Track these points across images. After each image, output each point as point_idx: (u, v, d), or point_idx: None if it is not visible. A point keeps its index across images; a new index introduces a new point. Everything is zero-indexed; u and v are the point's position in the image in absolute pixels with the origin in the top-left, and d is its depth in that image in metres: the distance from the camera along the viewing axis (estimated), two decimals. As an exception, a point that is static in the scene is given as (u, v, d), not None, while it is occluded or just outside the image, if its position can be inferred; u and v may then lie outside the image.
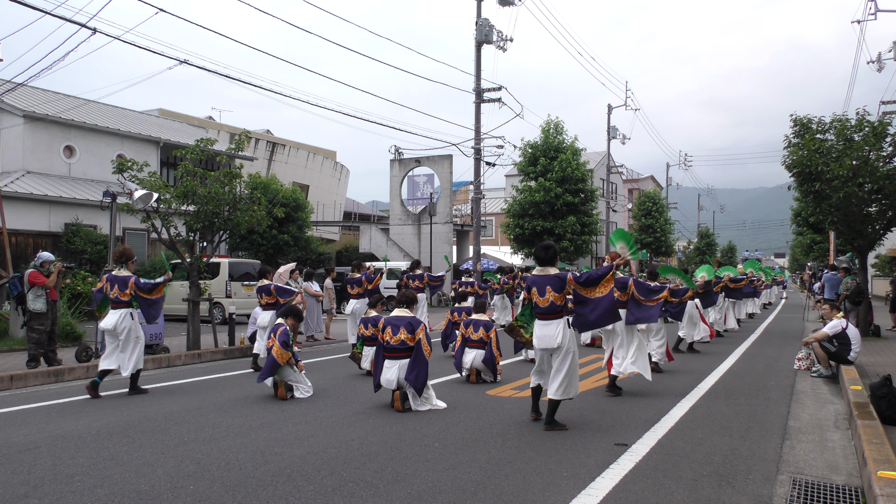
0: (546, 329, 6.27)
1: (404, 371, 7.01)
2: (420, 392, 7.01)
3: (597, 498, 4.35)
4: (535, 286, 6.36)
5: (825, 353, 9.58)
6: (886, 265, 32.80)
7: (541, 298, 6.28)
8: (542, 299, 6.27)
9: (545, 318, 6.31)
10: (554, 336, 6.20)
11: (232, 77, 15.76)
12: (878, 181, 13.24)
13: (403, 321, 7.19)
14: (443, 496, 4.35)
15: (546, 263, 6.41)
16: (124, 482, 4.60)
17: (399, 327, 7.13)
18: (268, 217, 12.79)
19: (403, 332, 7.09)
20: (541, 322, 6.34)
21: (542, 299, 6.27)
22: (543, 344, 6.28)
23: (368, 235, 34.36)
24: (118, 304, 8.09)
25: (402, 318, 7.23)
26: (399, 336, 7.08)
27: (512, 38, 24.67)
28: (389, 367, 7.10)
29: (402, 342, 7.08)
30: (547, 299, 6.25)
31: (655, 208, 46.79)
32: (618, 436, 6.02)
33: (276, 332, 7.86)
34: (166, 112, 35.80)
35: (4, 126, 21.52)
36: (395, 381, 7.04)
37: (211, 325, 12.68)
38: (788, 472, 5.04)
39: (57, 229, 20.19)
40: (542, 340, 6.29)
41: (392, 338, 7.12)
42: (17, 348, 11.39)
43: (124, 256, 8.38)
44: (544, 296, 6.26)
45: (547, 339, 6.24)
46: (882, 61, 22.64)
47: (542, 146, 29.63)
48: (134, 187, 10.98)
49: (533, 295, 6.36)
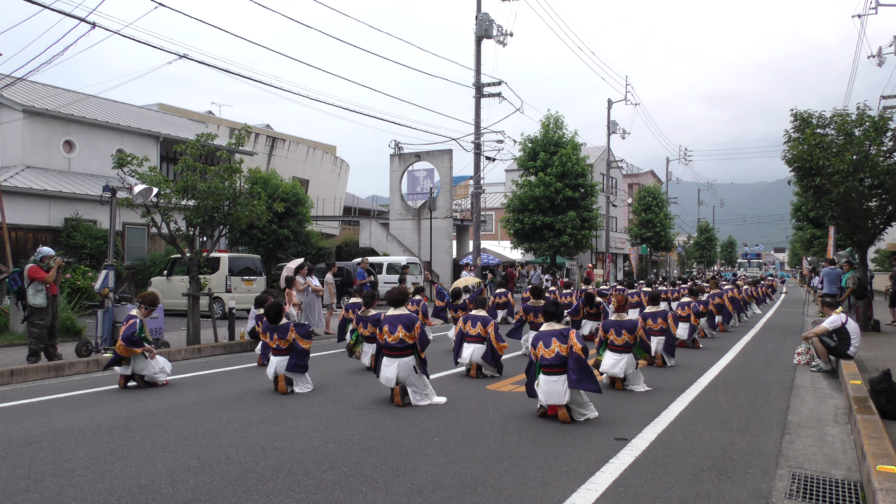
0: (554, 385, 6.29)
1: (403, 369, 7.01)
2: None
3: (596, 492, 4.36)
4: (540, 340, 6.46)
5: (825, 348, 9.59)
6: (886, 260, 32.80)
7: (546, 350, 6.36)
8: (548, 350, 6.35)
9: (552, 372, 6.32)
10: (562, 393, 6.24)
11: (232, 72, 15.74)
12: (878, 176, 13.22)
13: (401, 319, 7.18)
14: (443, 491, 4.36)
15: (553, 319, 6.62)
16: (125, 476, 4.61)
17: (397, 325, 7.12)
18: (267, 212, 12.79)
19: (402, 329, 7.08)
20: (547, 378, 6.34)
21: (548, 350, 6.35)
22: (552, 400, 6.29)
23: (368, 230, 34.34)
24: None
25: (400, 317, 7.22)
26: (397, 334, 7.08)
27: (512, 32, 24.59)
28: (388, 365, 7.09)
29: (400, 340, 7.08)
30: (553, 350, 6.34)
31: (655, 203, 46.75)
32: (617, 430, 6.03)
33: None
34: (166, 107, 35.74)
35: (4, 121, 21.48)
36: (395, 379, 7.03)
37: (211, 320, 12.69)
38: (788, 466, 5.05)
39: (57, 224, 20.19)
40: (549, 397, 6.30)
41: (390, 336, 7.12)
42: (18, 343, 11.40)
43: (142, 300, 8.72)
44: (550, 347, 6.36)
45: (555, 396, 6.27)
46: (883, 56, 22.61)
47: (542, 141, 29.59)
48: (134, 182, 10.97)
49: (539, 349, 6.43)
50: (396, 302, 7.43)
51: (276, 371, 7.81)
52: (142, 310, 8.56)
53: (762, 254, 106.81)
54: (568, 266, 38.40)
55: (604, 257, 46.29)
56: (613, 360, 8.10)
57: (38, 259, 9.78)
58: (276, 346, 7.93)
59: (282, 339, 7.92)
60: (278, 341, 7.92)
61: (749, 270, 70.73)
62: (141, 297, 8.81)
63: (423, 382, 7.19)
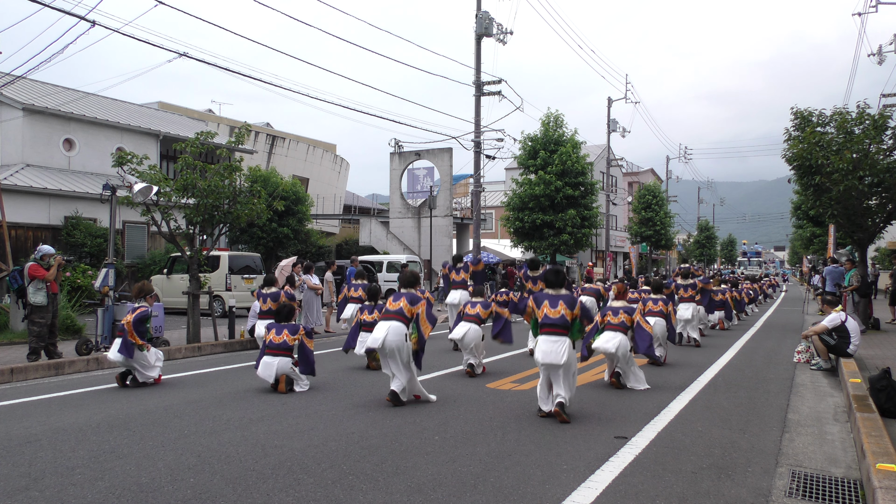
0: (553, 346, 6.33)
1: (394, 333, 6.90)
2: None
3: (596, 490, 4.36)
4: (546, 300, 6.50)
5: (825, 346, 9.59)
6: (886, 258, 32.80)
7: (552, 310, 6.41)
8: (554, 311, 6.40)
9: (552, 332, 6.38)
10: (560, 353, 6.28)
11: (232, 70, 15.72)
12: (878, 174, 13.22)
13: (408, 295, 7.25)
14: (443, 489, 4.36)
15: (556, 287, 6.63)
16: (125, 475, 4.61)
17: (401, 297, 7.23)
18: (267, 210, 12.78)
19: (404, 301, 7.16)
20: (546, 338, 6.40)
21: (554, 311, 6.40)
22: (549, 359, 6.31)
23: (368, 228, 34.34)
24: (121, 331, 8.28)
25: (406, 294, 7.29)
26: (399, 304, 7.16)
27: (512, 31, 24.56)
28: (380, 328, 7.03)
29: (399, 310, 7.13)
30: (558, 311, 6.39)
31: (655, 201, 46.72)
32: (617, 428, 6.03)
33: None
34: (166, 105, 35.70)
35: (4, 119, 21.47)
36: (382, 340, 6.87)
37: (211, 318, 12.68)
38: (788, 464, 5.05)
39: (57, 222, 20.18)
40: (547, 356, 6.33)
41: (392, 304, 7.22)
42: (18, 341, 11.40)
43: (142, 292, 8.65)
44: (556, 307, 6.41)
45: (552, 356, 6.30)
46: (883, 54, 22.57)
47: (542, 139, 29.54)
48: (134, 180, 10.96)
49: (543, 307, 6.47)
50: (407, 283, 7.53)
51: (277, 372, 7.73)
52: (149, 300, 8.58)
53: (762, 252, 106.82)
54: (568, 265, 38.41)
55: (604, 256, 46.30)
56: (608, 336, 8.15)
57: (39, 257, 9.77)
58: (279, 343, 7.85)
59: (291, 335, 7.89)
60: (286, 336, 7.86)
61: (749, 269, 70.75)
62: (137, 290, 8.72)
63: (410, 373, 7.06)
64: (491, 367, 9.60)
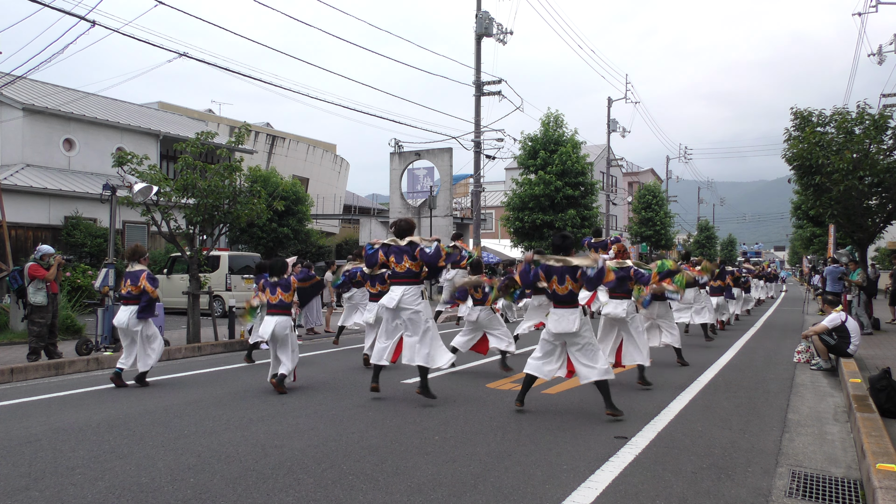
0: (566, 315, 6.38)
1: (407, 295, 7.09)
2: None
3: (596, 491, 4.36)
4: (555, 275, 6.46)
5: (825, 346, 9.59)
6: (886, 258, 32.78)
7: (560, 287, 6.42)
8: (562, 287, 6.41)
9: (564, 306, 6.44)
10: (573, 321, 6.34)
11: (232, 70, 15.73)
12: (878, 174, 13.23)
13: (406, 250, 7.21)
14: (443, 489, 4.36)
15: (563, 251, 6.57)
16: (125, 475, 4.61)
17: (402, 256, 7.21)
18: (268, 210, 12.78)
19: (407, 260, 7.18)
20: (560, 310, 6.44)
21: (562, 287, 6.41)
22: (561, 328, 6.35)
23: (368, 228, 34.33)
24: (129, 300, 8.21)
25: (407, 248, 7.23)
26: (404, 264, 7.19)
27: (512, 31, 24.57)
28: (394, 290, 7.19)
29: (408, 270, 7.17)
30: (566, 288, 6.41)
31: (655, 201, 46.70)
32: (617, 429, 6.03)
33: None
34: (166, 105, 35.69)
35: (4, 119, 21.47)
36: (397, 300, 7.07)
37: (211, 318, 12.69)
38: (788, 464, 5.05)
39: (57, 222, 20.18)
40: (559, 325, 6.37)
41: (398, 266, 7.22)
42: (18, 341, 11.40)
43: (136, 254, 8.48)
44: (564, 284, 6.41)
45: (565, 324, 6.34)
46: (883, 54, 22.56)
47: (542, 139, 29.53)
48: (134, 180, 10.97)
49: (552, 283, 6.46)
50: (403, 231, 7.38)
51: (275, 330, 7.74)
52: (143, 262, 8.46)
53: (762, 252, 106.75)
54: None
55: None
56: (615, 302, 8.13)
57: (38, 257, 9.77)
58: (276, 303, 7.91)
59: (285, 292, 7.97)
60: (281, 295, 7.93)
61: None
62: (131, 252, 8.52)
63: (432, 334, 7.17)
64: (491, 367, 9.60)
